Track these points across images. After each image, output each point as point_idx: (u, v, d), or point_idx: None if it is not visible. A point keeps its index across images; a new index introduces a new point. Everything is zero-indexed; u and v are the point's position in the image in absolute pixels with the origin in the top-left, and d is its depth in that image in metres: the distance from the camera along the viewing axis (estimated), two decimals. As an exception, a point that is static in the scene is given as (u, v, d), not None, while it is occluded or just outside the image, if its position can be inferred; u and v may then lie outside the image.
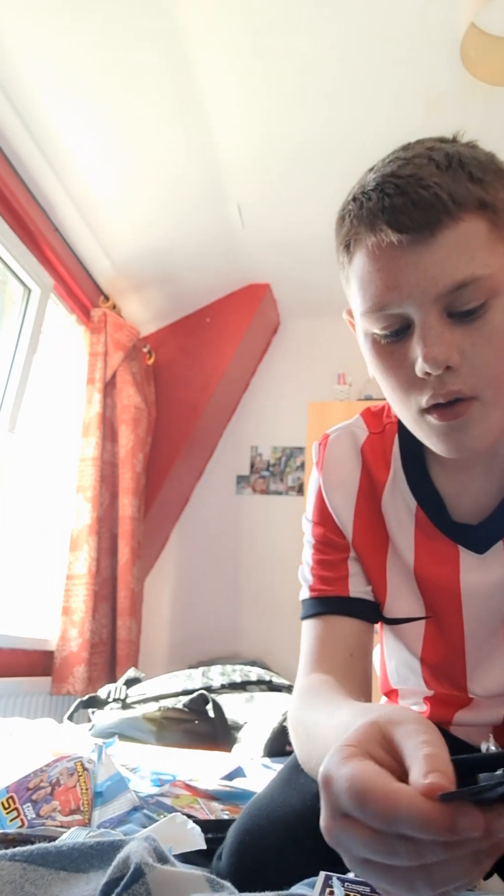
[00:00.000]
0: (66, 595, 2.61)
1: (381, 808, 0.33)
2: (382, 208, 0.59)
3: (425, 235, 0.57)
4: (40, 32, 1.89)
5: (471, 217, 0.58)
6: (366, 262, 0.61)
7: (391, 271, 0.59)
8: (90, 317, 2.92)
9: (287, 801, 0.59)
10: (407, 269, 0.58)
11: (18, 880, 0.43)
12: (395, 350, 0.62)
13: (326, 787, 0.37)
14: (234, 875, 0.56)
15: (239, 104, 2.22)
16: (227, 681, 1.95)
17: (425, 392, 0.61)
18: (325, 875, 0.47)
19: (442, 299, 0.59)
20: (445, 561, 0.71)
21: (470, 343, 0.59)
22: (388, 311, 0.61)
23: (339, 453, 0.80)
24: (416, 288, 0.58)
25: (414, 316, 0.60)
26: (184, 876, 0.40)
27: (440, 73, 2.08)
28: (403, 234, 0.58)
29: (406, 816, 0.32)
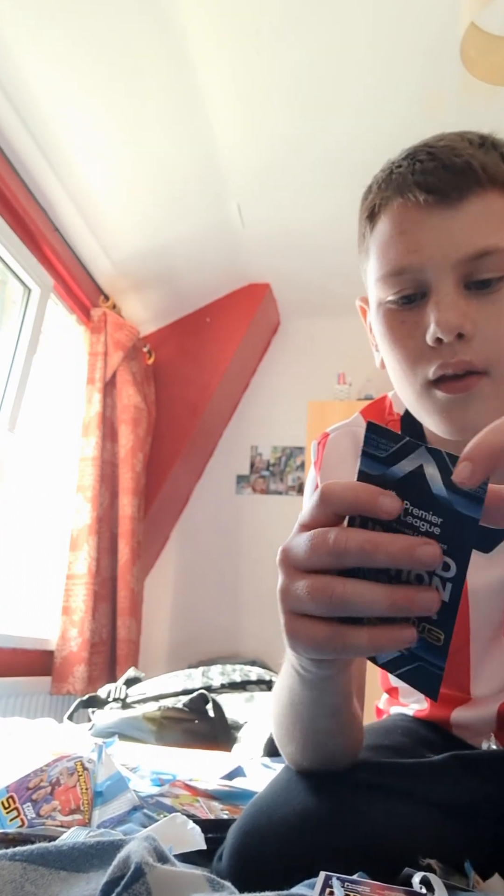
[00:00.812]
0: (66, 595, 2.61)
1: (335, 486, 0.38)
2: (413, 171, 0.59)
3: (453, 199, 0.58)
4: (41, 32, 1.89)
5: (498, 192, 0.59)
6: (389, 226, 0.61)
7: (414, 234, 0.59)
8: (90, 316, 2.92)
9: (288, 801, 0.58)
10: (431, 231, 0.58)
11: (18, 880, 0.43)
12: (407, 318, 0.61)
13: (300, 517, 0.42)
14: (235, 876, 0.56)
15: (239, 104, 2.22)
16: (226, 680, 1.95)
17: (434, 362, 0.59)
18: (324, 875, 0.47)
19: (461, 266, 0.58)
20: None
21: (485, 315, 0.58)
22: (406, 274, 0.60)
23: (339, 453, 0.78)
24: (437, 251, 0.58)
25: (431, 281, 0.59)
26: (184, 876, 0.40)
27: (440, 73, 2.08)
28: (432, 194, 0.58)
29: (350, 485, 0.38)
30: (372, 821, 0.56)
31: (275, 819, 0.56)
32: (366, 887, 0.46)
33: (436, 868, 0.53)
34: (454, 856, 0.54)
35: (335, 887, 0.44)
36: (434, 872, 0.52)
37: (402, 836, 0.55)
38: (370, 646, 0.37)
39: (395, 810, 0.56)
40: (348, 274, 3.37)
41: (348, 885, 0.45)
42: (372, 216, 0.65)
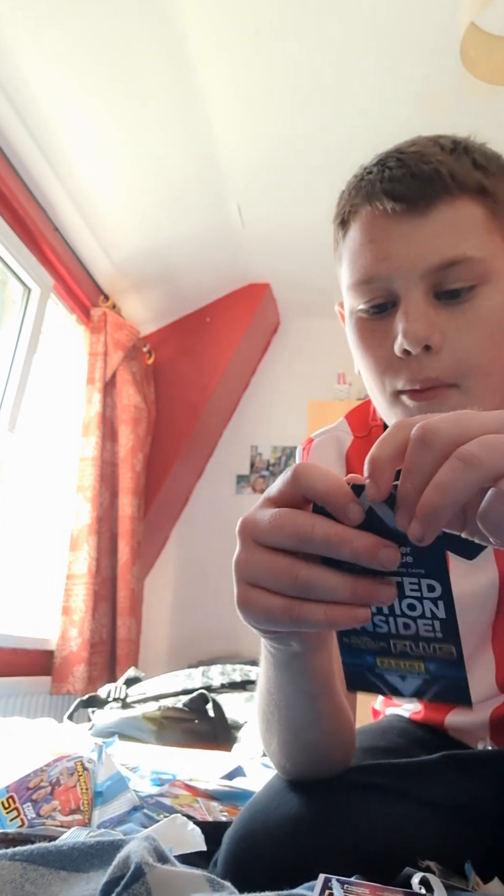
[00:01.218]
0: (66, 595, 2.61)
1: (309, 468, 0.38)
2: (382, 178, 0.59)
3: (421, 208, 0.57)
4: (41, 32, 1.89)
5: (469, 200, 0.58)
6: (359, 234, 0.61)
7: (382, 242, 0.58)
8: (90, 316, 2.92)
9: (282, 805, 0.57)
10: (399, 240, 0.58)
11: (18, 880, 0.43)
12: (378, 327, 0.61)
13: (267, 491, 0.41)
14: (231, 881, 0.55)
15: (239, 104, 2.22)
16: (227, 680, 1.95)
17: (402, 374, 0.59)
18: (324, 877, 0.46)
19: (430, 276, 0.57)
20: None
21: (454, 326, 0.57)
22: (375, 283, 0.59)
23: (323, 459, 0.77)
24: (405, 260, 0.57)
25: (400, 291, 0.58)
26: (184, 875, 0.40)
27: (440, 73, 2.08)
28: (399, 202, 0.57)
29: (324, 473, 0.37)
30: (367, 823, 0.55)
31: (269, 824, 0.56)
32: (364, 889, 0.46)
33: (435, 870, 0.52)
34: (452, 857, 0.54)
35: (334, 889, 0.44)
36: (433, 874, 0.52)
37: (399, 837, 0.54)
38: (327, 620, 0.37)
39: (391, 812, 0.56)
40: (348, 274, 3.37)
41: (347, 887, 0.45)
42: (343, 223, 0.64)
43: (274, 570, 0.38)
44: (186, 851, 0.59)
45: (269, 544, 0.39)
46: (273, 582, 0.39)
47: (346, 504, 0.36)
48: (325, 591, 0.37)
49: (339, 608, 0.37)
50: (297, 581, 0.37)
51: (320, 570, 0.37)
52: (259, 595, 0.40)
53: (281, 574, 0.38)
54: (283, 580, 0.38)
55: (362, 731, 0.82)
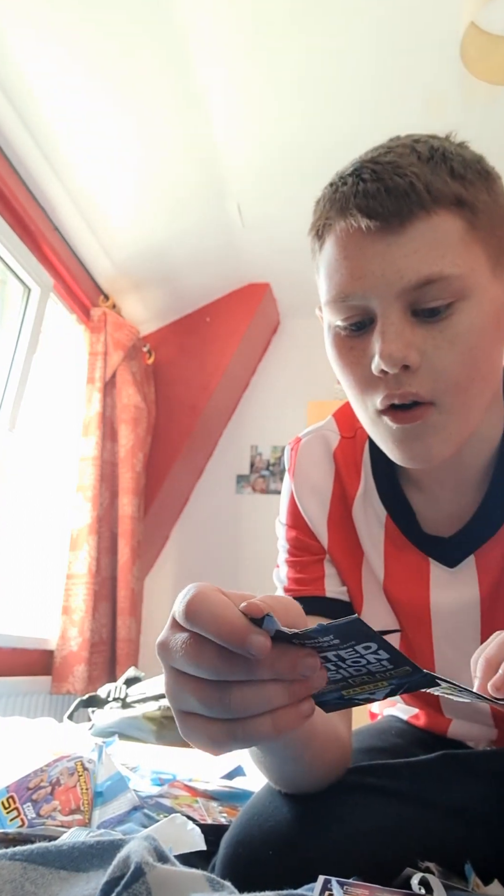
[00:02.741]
0: (66, 594, 2.61)
1: (201, 607, 0.35)
2: (356, 192, 0.57)
3: (395, 225, 0.55)
4: (40, 32, 1.89)
5: (446, 213, 0.56)
6: (334, 250, 0.60)
7: (357, 259, 0.57)
8: (90, 316, 2.92)
9: (279, 810, 0.57)
10: (374, 258, 0.56)
11: (18, 879, 0.43)
12: (356, 345, 0.60)
13: (174, 607, 0.38)
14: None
15: (239, 103, 2.22)
16: (226, 680, 1.95)
17: (381, 392, 0.58)
18: (323, 879, 0.46)
19: (406, 294, 0.56)
20: (415, 574, 0.68)
21: (432, 345, 0.56)
22: (350, 301, 0.58)
23: (312, 459, 0.76)
24: (380, 279, 0.56)
25: (377, 309, 0.57)
26: (184, 875, 0.40)
27: (440, 73, 2.08)
28: (373, 220, 0.55)
29: (215, 614, 0.34)
30: (365, 826, 0.55)
31: (266, 828, 0.55)
32: (364, 890, 0.46)
33: (434, 871, 0.52)
34: (451, 858, 0.54)
35: (334, 889, 0.44)
36: (433, 875, 0.52)
37: (398, 839, 0.54)
38: (276, 731, 0.36)
39: (389, 813, 0.56)
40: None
41: (346, 888, 0.45)
42: (318, 235, 0.63)
43: (204, 699, 0.36)
44: (186, 851, 0.59)
45: (189, 673, 0.37)
46: (207, 710, 0.36)
47: (245, 637, 0.34)
48: (263, 706, 0.35)
49: (283, 713, 0.36)
50: (231, 707, 0.35)
51: (252, 689, 0.35)
52: (198, 724, 0.37)
53: (212, 703, 0.36)
54: (216, 708, 0.36)
55: (360, 732, 0.82)
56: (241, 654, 0.34)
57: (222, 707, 0.35)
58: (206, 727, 0.37)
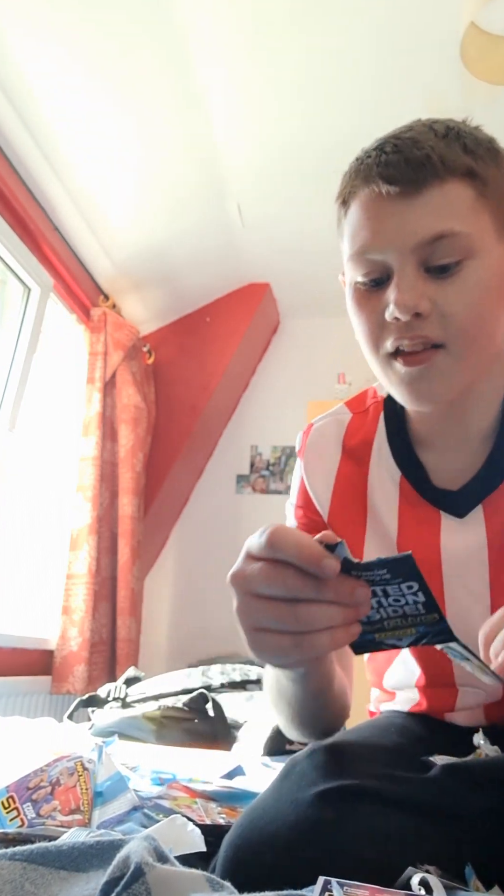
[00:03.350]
0: (65, 594, 2.61)
1: (283, 537, 0.44)
2: (378, 163, 0.65)
3: (412, 190, 0.62)
4: (40, 32, 1.89)
5: (457, 181, 0.63)
6: (358, 212, 0.67)
7: (378, 219, 0.64)
8: (90, 316, 2.92)
9: (280, 813, 0.57)
10: (392, 217, 0.63)
11: (18, 879, 0.43)
12: (373, 297, 0.67)
13: (248, 541, 0.48)
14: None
15: (239, 103, 2.22)
16: (226, 680, 1.95)
17: (392, 336, 0.65)
18: (323, 880, 0.46)
19: (420, 250, 0.63)
20: (427, 526, 0.74)
21: (443, 296, 0.63)
22: (370, 255, 0.65)
23: (321, 439, 0.83)
24: (397, 236, 0.63)
25: (393, 264, 0.64)
26: (184, 875, 0.40)
27: (440, 73, 2.08)
28: (393, 185, 0.63)
29: (297, 541, 0.44)
30: (367, 831, 0.55)
31: (267, 831, 0.55)
32: (364, 891, 0.46)
33: (434, 874, 0.51)
34: (452, 864, 0.53)
35: (334, 890, 0.44)
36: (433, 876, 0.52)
37: (399, 846, 0.54)
38: (333, 644, 0.45)
39: (391, 819, 0.56)
40: (348, 274, 3.38)
41: (347, 889, 0.45)
42: (344, 202, 0.70)
43: (277, 614, 0.45)
44: (186, 852, 0.59)
45: (264, 595, 0.45)
46: (278, 624, 0.45)
47: (320, 560, 0.43)
48: (325, 622, 0.44)
49: (338, 631, 0.45)
50: (299, 620, 0.44)
51: (317, 607, 0.44)
52: (268, 637, 0.46)
53: (284, 617, 0.45)
54: (287, 621, 0.45)
55: (360, 728, 0.82)
56: (311, 577, 0.43)
57: (293, 620, 0.44)
58: (276, 639, 0.46)
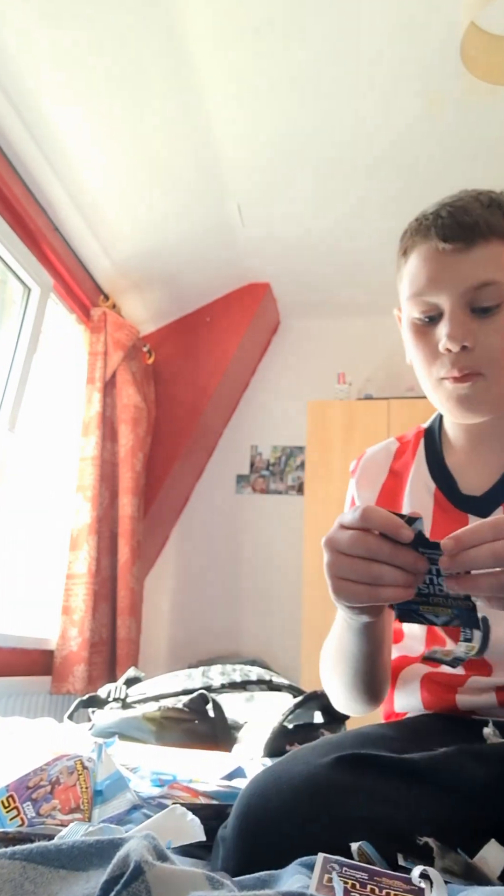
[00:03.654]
0: (66, 594, 2.61)
1: (375, 513, 0.60)
2: (436, 224, 0.81)
3: (463, 247, 0.79)
4: (41, 32, 1.89)
5: (498, 241, 0.79)
6: (417, 261, 0.83)
7: (435, 269, 0.80)
8: (90, 316, 2.92)
9: (292, 769, 0.63)
10: (446, 268, 0.80)
11: (18, 878, 0.43)
12: (428, 331, 0.83)
13: (341, 516, 0.63)
14: (239, 838, 0.59)
15: (239, 103, 2.22)
16: (227, 680, 1.95)
17: (444, 365, 0.81)
18: (323, 858, 0.47)
19: (467, 294, 0.79)
20: (456, 526, 0.84)
21: (484, 332, 0.79)
22: (426, 297, 0.81)
23: (372, 464, 1.00)
24: (450, 283, 0.79)
25: (444, 306, 0.80)
26: (183, 874, 0.40)
27: (440, 73, 2.08)
28: (448, 243, 0.79)
29: (384, 518, 0.60)
30: (376, 795, 0.59)
31: (280, 783, 0.61)
32: (364, 874, 0.46)
33: (433, 846, 0.55)
34: (454, 837, 0.57)
35: (334, 880, 0.44)
36: (430, 851, 0.55)
37: (405, 811, 0.59)
38: (394, 596, 0.60)
39: (401, 788, 0.61)
40: (348, 274, 3.37)
41: (346, 871, 0.45)
42: (405, 253, 0.86)
43: (356, 568, 0.60)
44: (186, 843, 0.59)
45: (350, 553, 0.61)
46: (357, 576, 0.60)
47: (399, 528, 0.59)
48: (391, 579, 0.59)
49: (399, 589, 0.60)
50: (372, 574, 0.59)
51: (386, 567, 0.59)
52: (348, 585, 0.61)
53: (362, 571, 0.60)
54: (364, 574, 0.60)
55: (372, 725, 0.85)
56: (388, 544, 0.59)
57: (367, 573, 0.60)
58: (353, 586, 0.61)
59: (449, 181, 2.52)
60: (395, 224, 1.25)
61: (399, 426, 3.16)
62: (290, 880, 0.48)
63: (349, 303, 3.51)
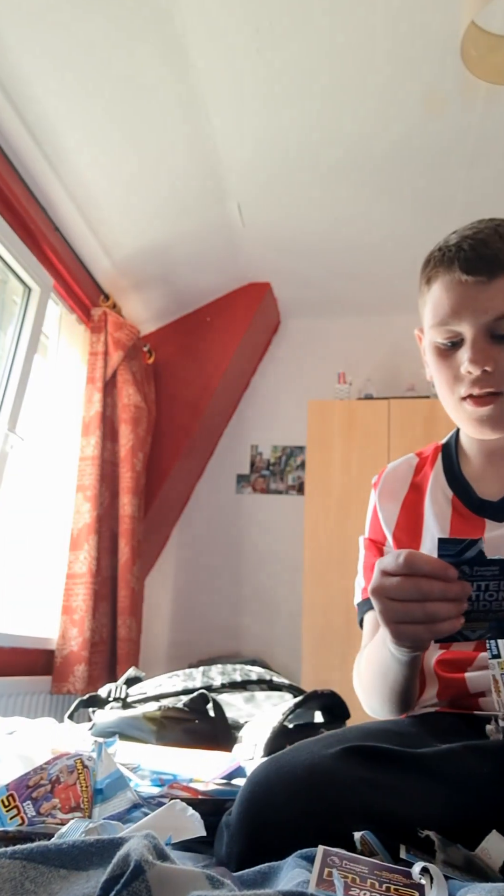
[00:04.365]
0: (66, 594, 2.61)
1: (418, 558, 0.63)
2: (458, 257, 0.85)
3: (484, 279, 0.84)
4: (41, 32, 1.89)
5: None
6: (440, 291, 0.88)
7: (457, 299, 0.86)
8: (90, 316, 2.92)
9: (296, 758, 0.64)
10: (468, 299, 0.85)
11: (18, 878, 0.43)
12: (450, 355, 0.89)
13: (380, 563, 0.67)
14: (242, 824, 0.60)
15: (239, 103, 2.22)
16: (227, 680, 1.94)
17: (465, 386, 0.87)
18: (323, 851, 0.47)
19: (488, 324, 0.84)
20: (474, 530, 0.95)
21: (502, 357, 0.84)
22: (449, 326, 0.87)
23: (394, 478, 1.06)
24: (472, 313, 0.85)
25: (466, 334, 0.86)
26: (184, 873, 0.40)
27: (440, 73, 2.08)
28: (470, 275, 0.84)
29: (429, 562, 0.63)
30: (379, 784, 0.60)
31: (284, 770, 0.62)
32: (364, 867, 0.46)
33: (434, 839, 0.55)
34: (454, 830, 0.58)
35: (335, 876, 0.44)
36: (432, 844, 0.55)
37: (407, 803, 0.60)
38: (450, 629, 0.63)
39: (403, 779, 0.62)
40: (349, 274, 3.37)
41: (346, 865, 0.45)
42: (428, 282, 0.91)
43: (413, 612, 0.63)
44: (186, 838, 0.59)
45: (401, 598, 0.64)
46: (414, 618, 0.63)
47: (446, 572, 0.63)
48: (446, 614, 0.63)
49: (454, 620, 0.63)
50: (428, 614, 0.63)
51: (440, 604, 0.63)
52: (408, 628, 0.65)
53: (419, 613, 0.63)
54: (421, 616, 0.63)
55: (376, 721, 0.87)
56: (438, 582, 0.62)
57: (424, 614, 0.63)
58: (413, 629, 0.64)
59: (449, 181, 2.53)
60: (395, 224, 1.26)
61: (399, 426, 3.16)
62: (290, 874, 0.48)
63: (349, 302, 3.51)
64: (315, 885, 0.44)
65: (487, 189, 2.55)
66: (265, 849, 0.56)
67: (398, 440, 3.12)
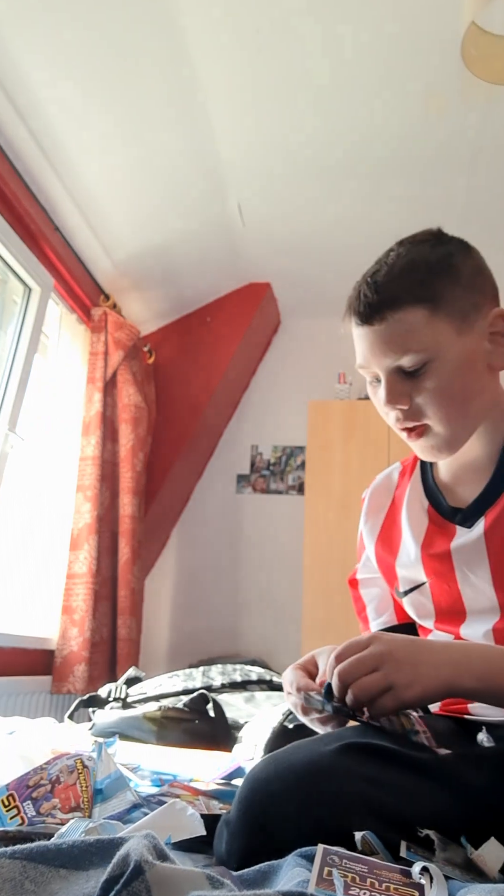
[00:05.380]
0: (66, 594, 2.61)
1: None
2: (354, 308, 0.88)
3: (375, 324, 0.85)
4: (41, 31, 1.89)
5: (411, 308, 0.83)
6: (354, 337, 0.90)
7: (363, 347, 0.88)
8: (90, 316, 2.92)
9: (295, 755, 0.65)
10: (369, 346, 0.87)
11: (18, 878, 0.43)
12: (377, 390, 0.91)
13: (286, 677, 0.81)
14: (242, 821, 0.60)
15: (239, 102, 2.22)
16: (227, 680, 1.94)
17: (392, 420, 0.90)
18: (323, 849, 0.47)
19: (392, 364, 0.85)
20: (445, 536, 0.97)
21: (416, 391, 0.86)
22: (366, 368, 0.90)
23: (379, 489, 1.10)
24: (377, 359, 0.87)
25: (380, 374, 0.88)
26: (184, 873, 0.40)
27: (440, 73, 2.08)
28: (365, 324, 0.86)
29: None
30: (379, 781, 0.61)
31: (282, 766, 0.63)
32: (363, 866, 0.46)
33: (434, 839, 0.55)
34: (453, 830, 0.58)
35: (334, 875, 0.44)
36: (432, 843, 0.55)
37: (406, 800, 0.60)
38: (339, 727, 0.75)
39: (402, 776, 0.62)
40: (349, 273, 3.36)
41: (346, 864, 0.45)
42: (346, 320, 0.93)
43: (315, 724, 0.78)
44: (186, 837, 0.59)
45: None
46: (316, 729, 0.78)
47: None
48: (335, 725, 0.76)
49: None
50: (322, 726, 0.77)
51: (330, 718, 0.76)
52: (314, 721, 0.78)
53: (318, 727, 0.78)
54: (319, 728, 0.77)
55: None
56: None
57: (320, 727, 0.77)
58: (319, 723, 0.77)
59: (449, 180, 2.53)
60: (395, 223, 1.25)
61: (399, 426, 3.16)
62: (289, 873, 0.48)
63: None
64: (315, 885, 0.44)
65: (487, 189, 2.55)
66: (266, 844, 0.56)
67: (398, 440, 3.10)
